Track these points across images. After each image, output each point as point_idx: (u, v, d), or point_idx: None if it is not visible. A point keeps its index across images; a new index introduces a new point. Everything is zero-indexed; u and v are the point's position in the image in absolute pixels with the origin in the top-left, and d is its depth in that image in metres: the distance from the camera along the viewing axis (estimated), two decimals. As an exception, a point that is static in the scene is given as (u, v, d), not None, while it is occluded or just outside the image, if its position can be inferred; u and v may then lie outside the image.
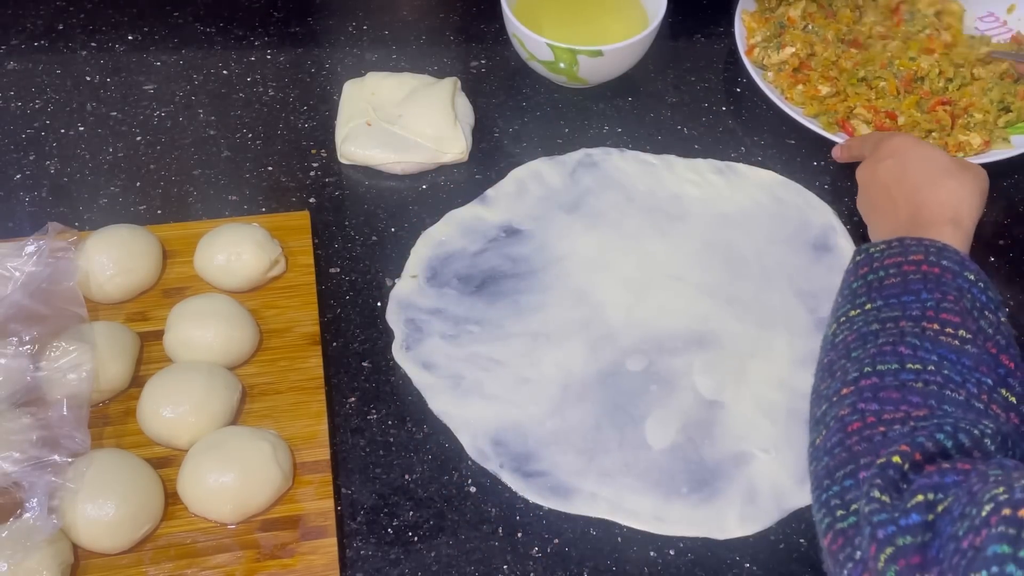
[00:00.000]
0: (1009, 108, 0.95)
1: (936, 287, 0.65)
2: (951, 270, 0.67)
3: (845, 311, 0.69)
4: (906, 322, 0.64)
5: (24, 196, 0.90)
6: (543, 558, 0.72)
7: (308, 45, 1.04)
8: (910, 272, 0.67)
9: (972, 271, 0.67)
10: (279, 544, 0.70)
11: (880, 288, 0.68)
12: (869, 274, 0.69)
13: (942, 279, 0.66)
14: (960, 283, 0.66)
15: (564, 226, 0.89)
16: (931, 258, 0.68)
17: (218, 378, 0.75)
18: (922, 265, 0.67)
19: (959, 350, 0.62)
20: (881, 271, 0.69)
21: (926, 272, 0.67)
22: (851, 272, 0.72)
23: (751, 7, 1.04)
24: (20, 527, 0.65)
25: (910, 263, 0.68)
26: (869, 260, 0.70)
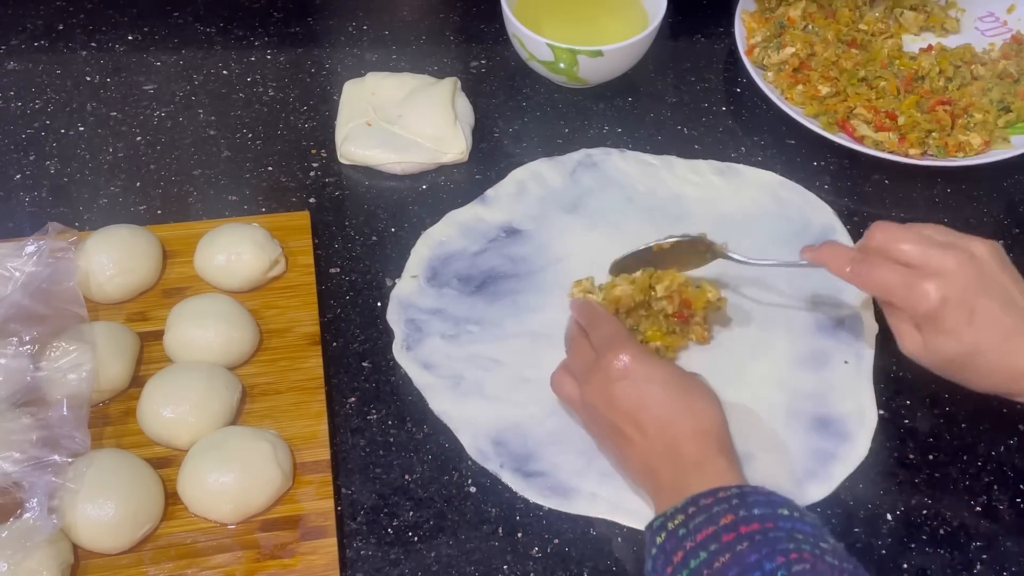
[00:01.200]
0: (1009, 108, 0.95)
1: (771, 550, 0.57)
2: (768, 517, 0.59)
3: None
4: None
5: (24, 196, 0.90)
6: (543, 558, 0.72)
7: (308, 45, 1.04)
8: (732, 542, 0.58)
9: (781, 504, 0.61)
10: (279, 544, 0.70)
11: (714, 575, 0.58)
12: (690, 559, 0.59)
13: (768, 534, 0.58)
14: (784, 527, 0.59)
15: (564, 226, 0.89)
16: (741, 513, 0.59)
17: (218, 378, 0.75)
18: (740, 526, 0.59)
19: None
20: (702, 552, 0.59)
21: (749, 534, 0.58)
22: (662, 561, 0.61)
23: (751, 7, 1.04)
24: (20, 527, 0.65)
25: (725, 529, 0.59)
26: (676, 541, 0.60)
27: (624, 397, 0.68)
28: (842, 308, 0.84)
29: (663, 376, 0.69)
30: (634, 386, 0.68)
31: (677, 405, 0.68)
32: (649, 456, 0.68)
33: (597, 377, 0.70)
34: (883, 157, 0.92)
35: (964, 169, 0.93)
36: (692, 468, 0.65)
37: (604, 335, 0.72)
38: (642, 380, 0.68)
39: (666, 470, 0.66)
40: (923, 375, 0.80)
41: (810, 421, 0.78)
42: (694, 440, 0.67)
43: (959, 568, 0.72)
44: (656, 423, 0.67)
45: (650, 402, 0.68)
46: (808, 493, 0.74)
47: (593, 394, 0.71)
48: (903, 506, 0.75)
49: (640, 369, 0.69)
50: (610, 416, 0.69)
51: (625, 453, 0.70)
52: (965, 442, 0.78)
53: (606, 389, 0.69)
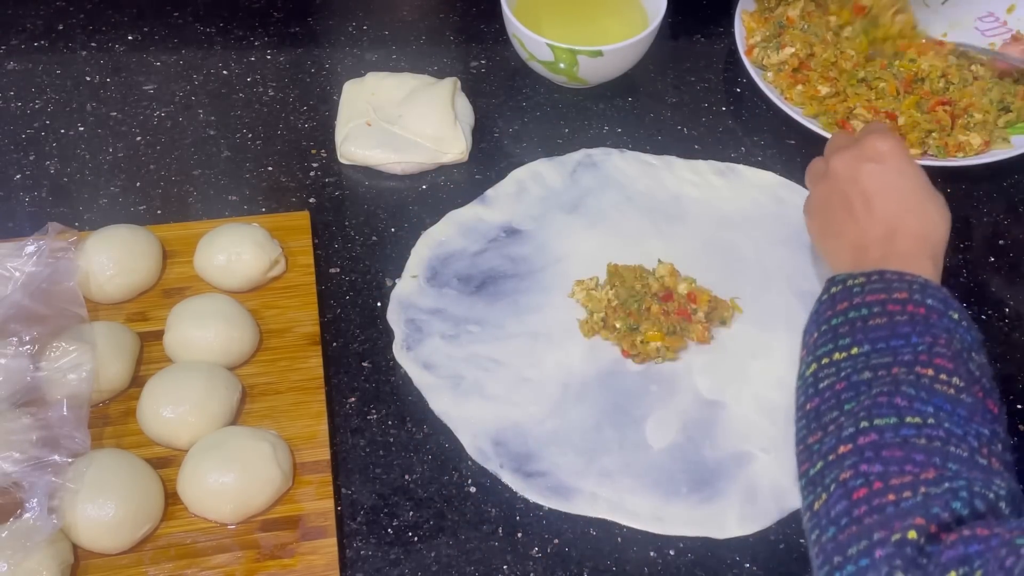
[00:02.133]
0: (1009, 108, 0.95)
1: (925, 330, 0.62)
2: (936, 310, 0.64)
3: (827, 351, 0.64)
4: (899, 368, 0.60)
5: (24, 196, 0.90)
6: (543, 558, 0.72)
7: (308, 45, 1.04)
8: (896, 312, 0.63)
9: (956, 310, 0.65)
10: (279, 544, 0.70)
11: (865, 329, 0.64)
12: (850, 311, 0.65)
13: (929, 320, 0.63)
14: (947, 323, 0.63)
15: (564, 226, 0.89)
16: (916, 296, 0.64)
17: (218, 378, 0.75)
18: (907, 304, 0.63)
19: (955, 399, 0.59)
20: (864, 308, 0.64)
21: (912, 313, 0.63)
22: (827, 305, 0.67)
23: (751, 7, 1.04)
24: (20, 527, 0.65)
25: (895, 302, 0.64)
26: (848, 294, 0.66)
27: (869, 176, 0.72)
28: (842, 308, 0.84)
29: (913, 174, 0.73)
30: (883, 171, 0.72)
31: (912, 203, 0.71)
32: (866, 235, 0.71)
33: (853, 151, 0.74)
34: (883, 157, 0.92)
35: (964, 169, 0.93)
36: (899, 258, 0.68)
37: (873, 127, 0.77)
38: (892, 170, 0.72)
39: (876, 252, 0.69)
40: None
41: (810, 421, 0.78)
42: (913, 239, 0.70)
43: (959, 568, 0.72)
44: (886, 210, 0.71)
45: (891, 191, 0.71)
46: (808, 493, 0.74)
47: (840, 164, 0.74)
48: (903, 506, 0.75)
49: (895, 160, 0.73)
50: (847, 188, 0.73)
51: (842, 227, 0.73)
52: (965, 442, 0.78)
53: (856, 163, 0.73)
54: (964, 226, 0.92)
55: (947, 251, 0.88)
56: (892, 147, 0.74)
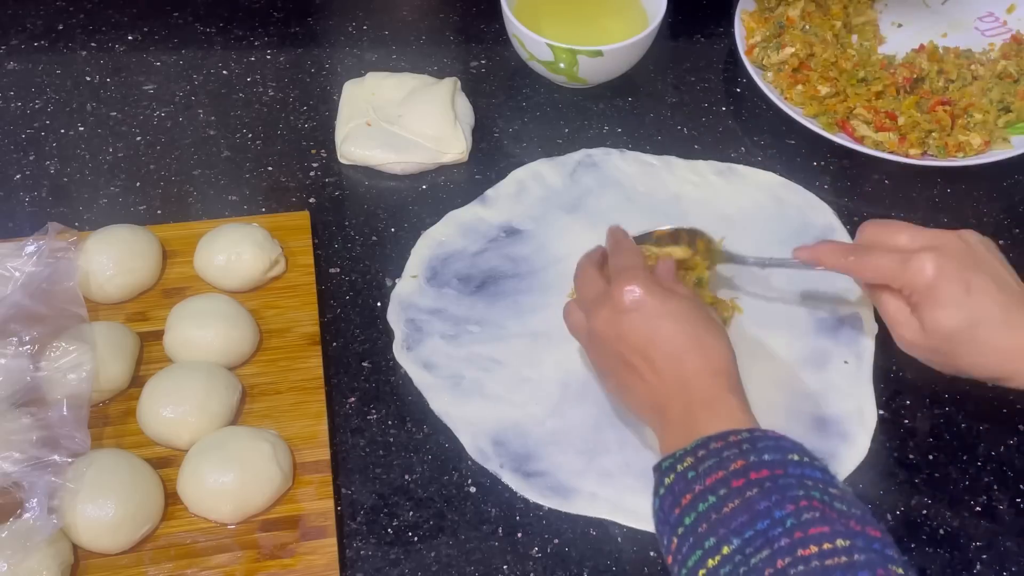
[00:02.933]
0: (1009, 108, 0.95)
1: (782, 497, 0.56)
2: (777, 463, 0.58)
3: (698, 560, 0.56)
4: (783, 560, 0.54)
5: (24, 196, 0.90)
6: (543, 558, 0.72)
7: (308, 45, 1.04)
8: (742, 488, 0.57)
9: (791, 450, 0.60)
10: (279, 544, 0.70)
11: (723, 520, 0.56)
12: (698, 502, 0.58)
13: (779, 482, 0.57)
14: (793, 473, 0.58)
15: (564, 226, 0.89)
16: (751, 459, 0.58)
17: (218, 378, 0.75)
18: (749, 472, 0.58)
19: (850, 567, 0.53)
20: (710, 495, 0.58)
21: (759, 481, 0.57)
22: (669, 502, 0.60)
23: (751, 7, 1.04)
24: (20, 527, 0.65)
25: (735, 475, 0.58)
26: (685, 483, 0.59)
27: (633, 330, 0.67)
28: (842, 308, 0.84)
29: (675, 310, 0.67)
30: (644, 319, 0.67)
31: (688, 341, 0.66)
32: (658, 392, 0.66)
33: (607, 308, 0.68)
34: (883, 157, 0.92)
35: (964, 169, 0.93)
36: (702, 406, 0.64)
37: (620, 264, 0.71)
38: (653, 314, 0.67)
39: (676, 407, 0.65)
40: (923, 375, 0.80)
41: (810, 421, 0.78)
42: (705, 378, 0.65)
43: (959, 568, 0.72)
44: (666, 359, 0.66)
45: (661, 337, 0.66)
46: (808, 493, 0.74)
47: (601, 325, 0.68)
48: (903, 506, 0.75)
49: (651, 302, 0.67)
50: (618, 348, 0.68)
51: (632, 389, 0.68)
52: (965, 442, 0.78)
53: (615, 320, 0.67)
54: (964, 226, 0.91)
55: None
56: (646, 288, 0.67)
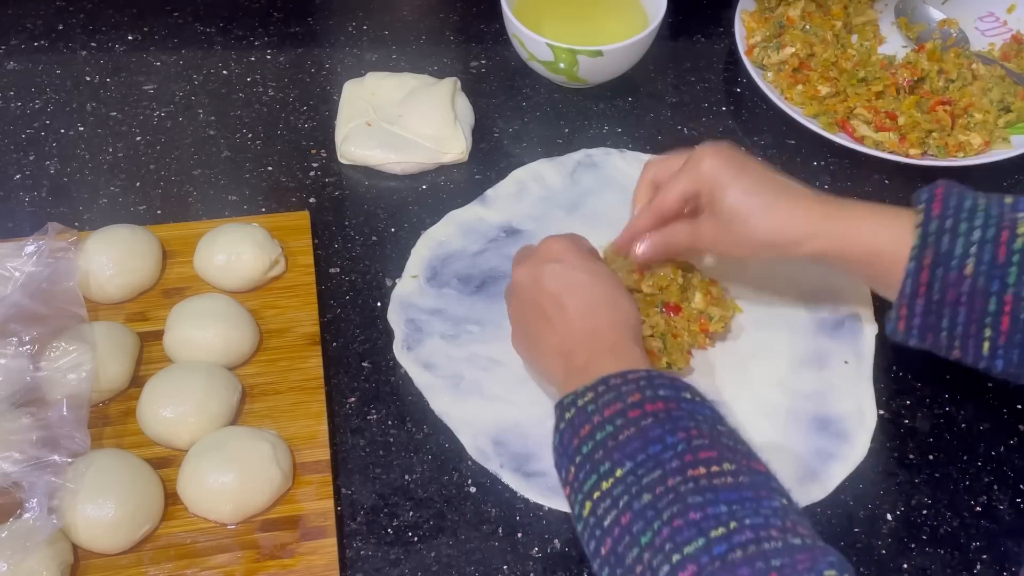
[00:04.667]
0: (1009, 108, 0.95)
1: (674, 425, 0.59)
2: (672, 398, 0.61)
3: (593, 484, 0.59)
4: (673, 479, 0.56)
5: (24, 196, 0.90)
6: (543, 558, 0.72)
7: (308, 45, 1.04)
8: (638, 418, 0.60)
9: (685, 389, 0.63)
10: (279, 544, 0.70)
11: (618, 447, 0.59)
12: (596, 432, 0.60)
13: (671, 413, 0.60)
14: (686, 408, 0.61)
15: (564, 226, 0.88)
16: (647, 393, 0.61)
17: (218, 378, 0.75)
18: (645, 404, 0.60)
19: (736, 486, 0.56)
20: (608, 425, 0.60)
21: (654, 412, 0.60)
22: (568, 434, 0.62)
23: (751, 7, 1.04)
24: (20, 527, 0.65)
25: (632, 407, 0.60)
26: (585, 416, 0.62)
27: (552, 278, 0.70)
28: (842, 308, 0.84)
29: (591, 268, 0.72)
30: (563, 269, 0.71)
31: (600, 295, 0.70)
32: (567, 339, 0.69)
33: (531, 258, 0.73)
34: (883, 157, 0.92)
35: (964, 169, 0.93)
36: (607, 351, 0.67)
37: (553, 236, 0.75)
38: (571, 266, 0.71)
39: (582, 352, 0.67)
40: (923, 375, 0.81)
41: (810, 421, 0.78)
42: (612, 329, 0.68)
43: (959, 568, 0.72)
44: (579, 307, 0.69)
45: (576, 287, 0.70)
46: (808, 493, 0.74)
47: (523, 274, 0.73)
48: (903, 506, 0.75)
49: (572, 258, 0.72)
50: (535, 295, 0.71)
51: (543, 336, 0.71)
52: (965, 442, 0.78)
53: (536, 269, 0.72)
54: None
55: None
56: (567, 245, 0.73)
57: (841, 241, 0.71)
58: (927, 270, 0.67)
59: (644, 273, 0.80)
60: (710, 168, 0.73)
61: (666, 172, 0.78)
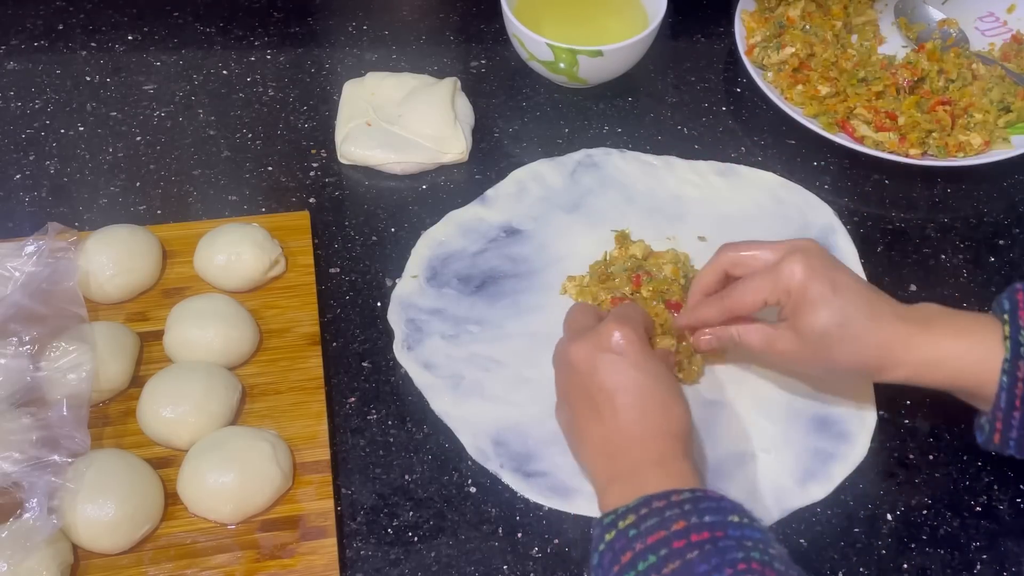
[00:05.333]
0: (1009, 108, 0.95)
1: (720, 560, 0.56)
2: (718, 524, 0.58)
3: None
4: None
5: (24, 196, 0.90)
6: (543, 558, 0.72)
7: (308, 45, 1.04)
8: (683, 549, 0.57)
9: (733, 511, 0.60)
10: (279, 544, 0.70)
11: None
12: (638, 562, 0.58)
13: (717, 544, 0.57)
14: (734, 535, 0.58)
15: (564, 226, 0.89)
16: (693, 520, 0.58)
17: (218, 378, 0.75)
18: (690, 535, 0.57)
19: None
20: (650, 555, 0.57)
21: (699, 543, 0.57)
22: (609, 559, 0.60)
23: (751, 7, 1.04)
24: (20, 527, 0.65)
25: (676, 536, 0.58)
26: (626, 541, 0.59)
27: (609, 371, 0.67)
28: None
29: (651, 368, 0.68)
30: (623, 364, 0.67)
31: (655, 400, 0.67)
32: (611, 440, 0.66)
33: (590, 340, 0.69)
34: (883, 157, 0.92)
35: (964, 169, 0.93)
36: (652, 464, 0.64)
37: (621, 312, 0.72)
38: (631, 363, 0.67)
39: (627, 459, 0.65)
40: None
41: (810, 421, 0.78)
42: (662, 439, 0.66)
43: (959, 568, 0.72)
44: (631, 409, 0.66)
45: (632, 387, 0.67)
46: (808, 493, 0.74)
47: (579, 354, 0.69)
48: (903, 506, 0.75)
49: (634, 352, 0.68)
50: (587, 383, 0.68)
51: (588, 428, 0.68)
52: (965, 442, 0.78)
53: (594, 355, 0.68)
54: (964, 226, 0.92)
55: (948, 251, 0.89)
56: (630, 337, 0.68)
57: (927, 368, 0.69)
58: (1022, 383, 0.66)
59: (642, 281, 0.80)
60: (801, 284, 0.69)
61: (745, 266, 0.74)
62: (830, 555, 0.72)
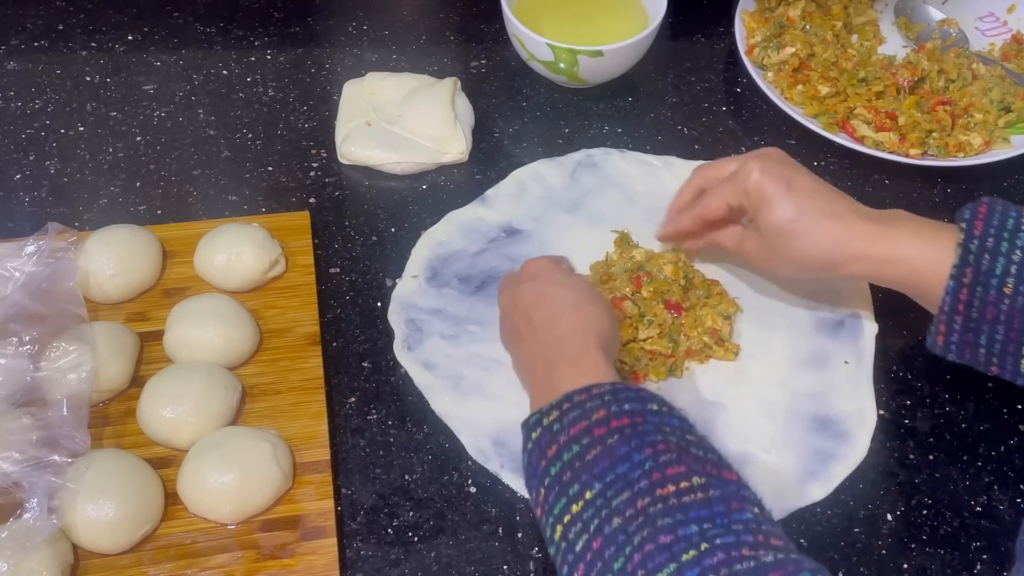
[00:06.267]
0: (1009, 108, 0.95)
1: (640, 441, 0.58)
2: (636, 411, 0.60)
3: (563, 507, 0.58)
4: (642, 501, 0.55)
5: (24, 196, 0.90)
6: (543, 558, 0.72)
7: (308, 45, 1.04)
8: (604, 436, 0.59)
9: (651, 400, 0.61)
10: (279, 544, 0.70)
11: (585, 467, 0.58)
12: (563, 452, 0.59)
13: (638, 428, 0.59)
14: (653, 421, 0.60)
15: (564, 226, 0.89)
16: (612, 408, 0.60)
17: (218, 378, 0.75)
18: (610, 421, 0.59)
19: (706, 502, 0.55)
20: (574, 445, 0.59)
21: (619, 428, 0.59)
22: (536, 454, 0.61)
23: (751, 7, 1.04)
24: (20, 527, 0.65)
25: (597, 424, 0.59)
26: (551, 436, 0.61)
27: (525, 295, 0.71)
28: (842, 308, 0.84)
29: (562, 280, 0.71)
30: (537, 286, 0.71)
31: (567, 303, 0.69)
32: (533, 352, 0.68)
33: (510, 281, 0.74)
34: (883, 157, 0.92)
35: (964, 169, 0.93)
36: (568, 363, 0.65)
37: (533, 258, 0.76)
38: (546, 281, 0.71)
39: (545, 365, 0.67)
40: (923, 375, 0.81)
41: (810, 421, 0.78)
42: (575, 336, 0.67)
43: (959, 568, 0.72)
44: (545, 319, 0.68)
45: (545, 300, 0.70)
46: (808, 493, 0.74)
47: (504, 299, 0.73)
48: (903, 506, 0.75)
49: (548, 274, 0.72)
50: (512, 316, 0.71)
51: (516, 353, 0.72)
52: (965, 442, 0.78)
53: (515, 290, 0.72)
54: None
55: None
56: (544, 264, 0.73)
57: (883, 264, 0.72)
58: (966, 289, 0.68)
59: (642, 282, 0.80)
60: (757, 182, 0.73)
61: (714, 179, 0.79)
62: (830, 555, 0.72)
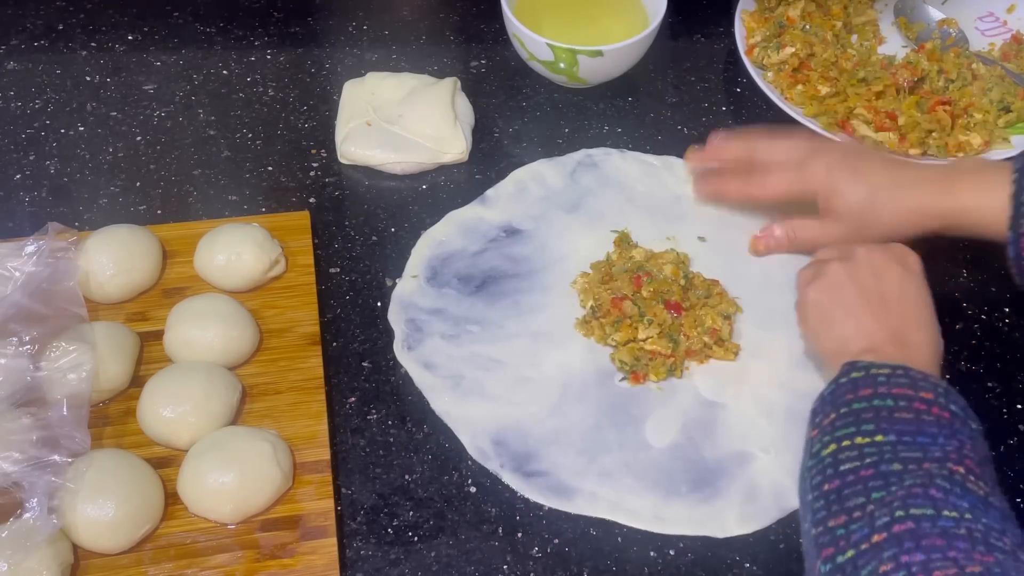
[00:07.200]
0: (1009, 108, 0.95)
1: (952, 434, 0.61)
2: (960, 417, 0.63)
3: (848, 434, 0.63)
4: (930, 464, 0.59)
5: (24, 196, 0.90)
6: (543, 558, 0.72)
7: (308, 45, 1.04)
8: (922, 411, 0.62)
9: (975, 421, 0.64)
10: (279, 544, 0.70)
11: (891, 420, 0.62)
12: (874, 398, 0.64)
13: (954, 426, 0.62)
14: (970, 432, 0.63)
15: (564, 226, 0.89)
16: (940, 400, 0.63)
17: (218, 378, 0.75)
18: (933, 407, 0.63)
19: (986, 501, 0.57)
20: (889, 399, 0.63)
21: (938, 416, 0.62)
22: (847, 388, 0.65)
23: (751, 7, 1.04)
24: (20, 527, 0.65)
25: (921, 400, 0.63)
26: (871, 382, 0.65)
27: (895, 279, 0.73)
28: (842, 308, 0.84)
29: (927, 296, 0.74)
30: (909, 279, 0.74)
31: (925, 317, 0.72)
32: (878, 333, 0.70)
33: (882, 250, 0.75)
34: (883, 157, 0.92)
35: (964, 169, 0.93)
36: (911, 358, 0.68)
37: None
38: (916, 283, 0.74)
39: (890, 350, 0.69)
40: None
41: (810, 421, 0.78)
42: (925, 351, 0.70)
43: (959, 568, 0.72)
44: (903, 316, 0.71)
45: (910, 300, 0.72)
46: (808, 493, 0.74)
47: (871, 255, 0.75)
48: (903, 506, 0.75)
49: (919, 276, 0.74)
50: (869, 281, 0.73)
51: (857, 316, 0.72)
52: (965, 442, 0.78)
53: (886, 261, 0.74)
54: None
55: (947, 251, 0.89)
56: (919, 264, 0.75)
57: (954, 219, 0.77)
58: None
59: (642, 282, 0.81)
60: (825, 179, 0.79)
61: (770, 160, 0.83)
62: (830, 555, 0.72)
